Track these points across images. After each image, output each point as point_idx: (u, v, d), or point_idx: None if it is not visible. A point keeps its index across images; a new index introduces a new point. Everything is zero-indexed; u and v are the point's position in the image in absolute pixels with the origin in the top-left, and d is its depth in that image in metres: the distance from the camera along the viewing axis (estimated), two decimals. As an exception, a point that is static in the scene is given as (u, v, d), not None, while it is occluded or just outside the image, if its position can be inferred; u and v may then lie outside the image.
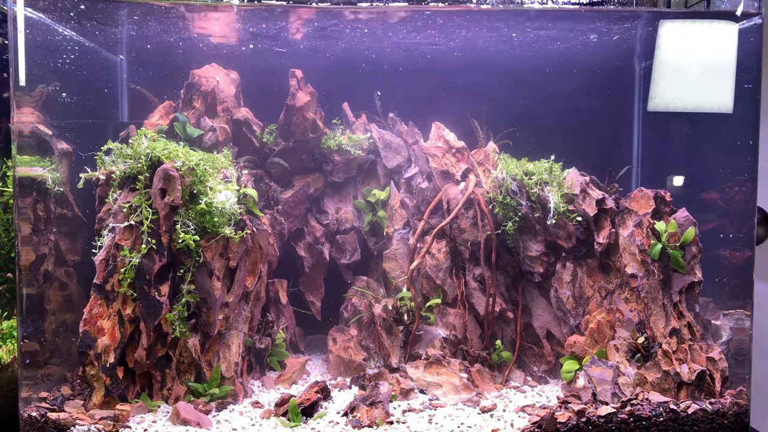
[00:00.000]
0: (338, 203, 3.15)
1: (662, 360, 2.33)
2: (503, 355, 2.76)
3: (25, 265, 2.33)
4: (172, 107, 2.86)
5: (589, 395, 2.38)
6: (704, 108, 2.47)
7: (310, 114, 2.95)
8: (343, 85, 3.17)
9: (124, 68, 3.17)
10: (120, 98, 3.16)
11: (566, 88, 3.17)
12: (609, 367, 2.40)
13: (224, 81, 2.93)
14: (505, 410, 2.41)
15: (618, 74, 3.34)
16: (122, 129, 2.85)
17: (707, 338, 2.44)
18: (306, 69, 2.95)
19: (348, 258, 3.10)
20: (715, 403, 2.21)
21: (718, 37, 2.42)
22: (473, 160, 2.96)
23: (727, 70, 2.41)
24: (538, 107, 3.13)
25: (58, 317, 2.53)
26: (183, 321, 2.36)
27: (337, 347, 2.86)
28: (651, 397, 2.22)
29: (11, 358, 2.37)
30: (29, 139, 2.38)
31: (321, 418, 2.29)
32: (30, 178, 2.40)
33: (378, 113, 3.16)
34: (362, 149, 3.06)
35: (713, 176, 2.80)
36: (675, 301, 2.42)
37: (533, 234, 2.77)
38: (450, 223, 2.83)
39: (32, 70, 2.28)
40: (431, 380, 2.58)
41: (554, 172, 2.72)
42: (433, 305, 2.83)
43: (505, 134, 3.03)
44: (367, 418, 2.24)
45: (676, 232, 2.45)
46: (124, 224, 2.33)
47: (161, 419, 2.24)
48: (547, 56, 3.19)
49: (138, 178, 2.37)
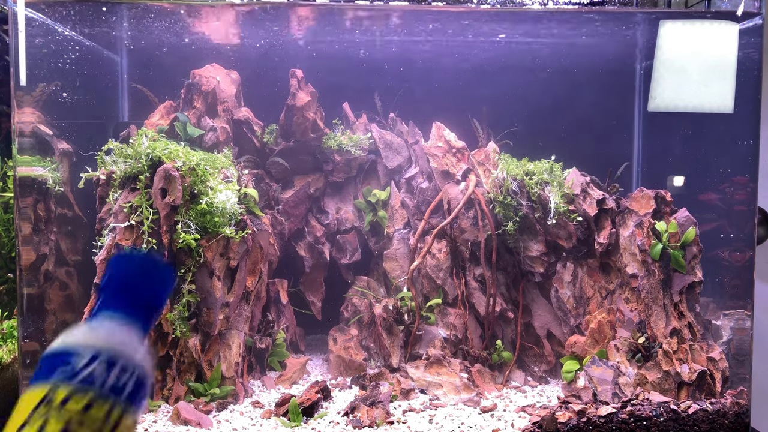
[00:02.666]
0: (339, 203, 3.14)
1: (663, 360, 2.33)
2: (504, 355, 2.76)
3: (25, 264, 2.33)
4: (172, 107, 2.86)
5: (590, 395, 2.38)
6: (705, 108, 2.47)
7: (311, 114, 2.95)
8: (344, 84, 3.17)
9: (125, 68, 3.17)
10: (120, 98, 3.16)
11: (566, 88, 3.17)
12: (609, 367, 2.40)
13: (225, 81, 2.93)
14: (506, 410, 2.41)
15: (618, 74, 3.34)
16: (122, 129, 2.85)
17: (708, 338, 2.44)
18: (306, 69, 2.95)
19: (348, 258, 3.10)
20: (716, 403, 2.21)
21: (719, 37, 2.42)
22: (474, 160, 2.96)
23: (728, 70, 2.41)
24: (538, 107, 3.13)
25: (59, 317, 2.53)
26: (183, 321, 2.36)
27: (338, 347, 2.85)
28: (651, 397, 2.22)
29: (11, 358, 2.37)
30: (30, 138, 2.39)
31: (321, 418, 2.29)
32: (30, 177, 2.40)
33: (378, 113, 3.16)
34: (363, 149, 3.06)
35: (714, 176, 2.80)
36: (675, 301, 2.42)
37: (534, 234, 2.77)
38: (450, 223, 2.83)
39: (32, 70, 2.28)
40: (432, 380, 2.57)
41: (555, 172, 2.72)
42: (433, 305, 2.83)
43: (506, 134, 3.03)
44: (368, 418, 2.24)
45: (676, 232, 2.45)
46: (125, 224, 2.33)
47: (161, 419, 2.24)
48: (548, 56, 3.19)
49: (138, 178, 2.37)
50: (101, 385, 0.60)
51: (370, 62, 3.21)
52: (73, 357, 0.61)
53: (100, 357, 0.61)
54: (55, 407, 0.58)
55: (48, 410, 0.58)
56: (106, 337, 0.64)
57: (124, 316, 0.69)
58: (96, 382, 0.60)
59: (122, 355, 0.63)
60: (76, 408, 0.58)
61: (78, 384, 0.59)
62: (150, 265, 0.73)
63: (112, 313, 0.69)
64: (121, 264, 0.73)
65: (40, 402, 0.58)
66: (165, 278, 0.74)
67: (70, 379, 0.59)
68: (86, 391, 0.59)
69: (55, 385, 0.59)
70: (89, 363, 0.61)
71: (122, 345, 0.64)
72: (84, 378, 0.60)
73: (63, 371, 0.60)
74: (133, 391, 0.62)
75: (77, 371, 0.60)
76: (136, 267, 0.73)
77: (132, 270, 0.72)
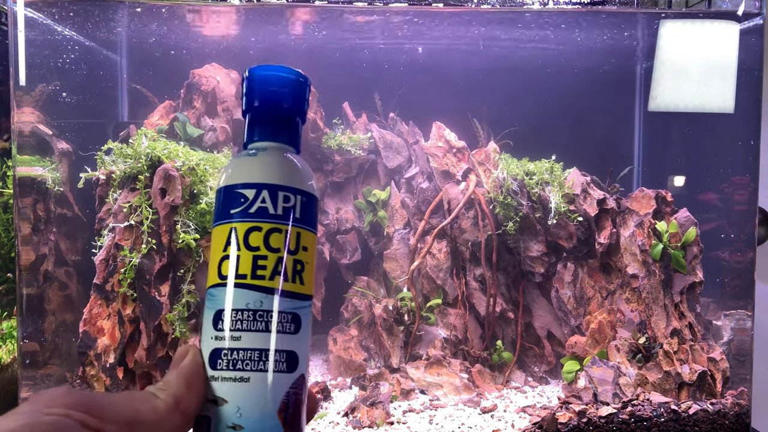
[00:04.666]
0: (339, 203, 3.14)
1: (663, 360, 2.32)
2: (504, 356, 2.76)
3: (25, 265, 2.33)
4: (172, 107, 2.86)
5: (590, 396, 2.37)
6: (705, 108, 2.47)
7: (311, 114, 2.94)
8: (344, 84, 3.17)
9: (124, 67, 3.17)
10: (120, 98, 3.16)
11: (567, 88, 3.17)
12: (610, 367, 2.40)
13: (225, 81, 2.93)
14: (506, 411, 2.40)
15: (619, 74, 3.34)
16: (122, 129, 2.85)
17: (708, 338, 2.44)
18: (306, 68, 2.94)
19: (348, 258, 3.10)
20: (716, 403, 2.20)
21: (720, 37, 2.42)
22: (474, 160, 2.96)
23: (729, 70, 2.41)
24: (538, 107, 3.13)
25: (58, 317, 2.53)
26: (183, 321, 2.36)
27: (338, 347, 2.85)
28: (652, 397, 2.22)
29: (11, 358, 2.37)
30: (29, 138, 2.38)
31: (321, 418, 2.29)
32: (30, 177, 2.40)
33: (378, 113, 3.16)
34: (363, 149, 3.06)
35: (714, 176, 2.80)
36: (676, 302, 2.42)
37: (534, 234, 2.77)
38: (451, 223, 2.82)
39: (32, 70, 2.28)
40: (432, 380, 2.57)
41: (555, 172, 2.72)
42: (433, 305, 2.82)
43: (506, 134, 3.03)
44: (368, 418, 2.24)
45: (677, 232, 2.45)
46: (124, 224, 2.32)
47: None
48: (548, 56, 3.18)
49: (138, 177, 2.37)
50: (272, 216, 0.66)
51: (371, 62, 3.20)
52: (241, 196, 0.66)
53: (264, 190, 0.66)
54: (241, 242, 0.65)
55: (237, 245, 0.65)
56: (265, 169, 0.68)
57: (272, 140, 0.71)
58: (266, 214, 0.66)
59: (284, 183, 0.67)
60: (258, 241, 0.65)
61: (252, 220, 0.65)
62: (285, 77, 0.73)
63: (261, 142, 0.71)
64: (257, 85, 0.72)
65: (227, 239, 0.65)
66: (301, 87, 0.74)
67: (245, 217, 0.65)
68: (260, 224, 0.65)
69: (235, 223, 0.66)
70: (256, 199, 0.66)
71: (281, 173, 0.68)
72: (254, 213, 0.65)
73: (237, 210, 0.66)
74: (302, 212, 0.67)
75: (248, 208, 0.66)
76: (272, 85, 0.72)
77: (269, 88, 0.71)
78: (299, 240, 0.67)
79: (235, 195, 0.67)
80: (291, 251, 0.66)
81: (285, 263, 0.65)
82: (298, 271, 0.66)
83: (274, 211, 0.66)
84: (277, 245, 0.66)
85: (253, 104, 0.71)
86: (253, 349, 0.61)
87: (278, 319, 0.63)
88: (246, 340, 0.61)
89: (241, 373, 0.60)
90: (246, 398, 0.60)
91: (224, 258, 0.65)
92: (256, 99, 0.71)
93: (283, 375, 0.62)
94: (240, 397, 0.60)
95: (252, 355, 0.61)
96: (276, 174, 0.68)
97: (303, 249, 0.67)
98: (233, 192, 0.67)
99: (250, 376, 0.60)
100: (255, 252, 0.65)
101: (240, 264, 0.64)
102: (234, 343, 0.61)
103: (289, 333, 0.63)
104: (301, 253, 0.67)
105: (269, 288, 0.63)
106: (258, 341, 0.61)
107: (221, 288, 0.64)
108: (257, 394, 0.60)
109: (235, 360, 0.61)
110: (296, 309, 0.64)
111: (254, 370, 0.61)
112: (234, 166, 0.70)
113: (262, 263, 0.65)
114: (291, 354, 0.63)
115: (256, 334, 0.62)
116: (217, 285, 0.64)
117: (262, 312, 0.62)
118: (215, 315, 0.63)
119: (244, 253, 0.65)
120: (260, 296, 0.63)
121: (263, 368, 0.61)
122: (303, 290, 0.66)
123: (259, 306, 0.62)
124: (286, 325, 0.63)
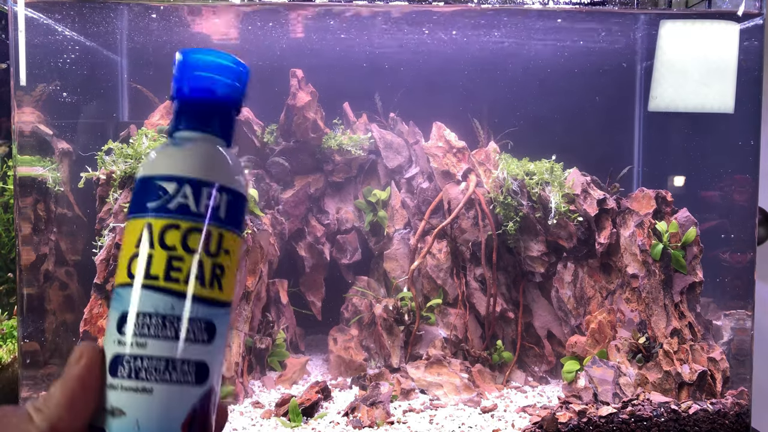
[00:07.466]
0: (339, 203, 3.14)
1: (663, 360, 2.32)
2: (504, 356, 2.76)
3: (25, 265, 2.33)
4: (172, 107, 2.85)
5: (590, 395, 2.37)
6: (705, 108, 2.47)
7: (311, 114, 2.94)
8: (344, 84, 3.17)
9: (125, 67, 3.17)
10: (120, 98, 3.16)
11: (567, 88, 3.17)
12: (610, 367, 2.40)
13: (225, 81, 2.93)
14: (506, 410, 2.40)
15: (619, 74, 3.34)
16: (123, 128, 2.85)
17: (708, 338, 2.44)
18: (306, 68, 2.95)
19: (349, 258, 3.10)
20: (717, 403, 2.20)
21: (720, 37, 2.42)
22: (474, 160, 2.96)
23: (729, 70, 2.41)
24: (538, 107, 3.13)
25: (59, 317, 2.53)
26: (183, 321, 2.35)
27: (338, 347, 2.85)
28: (652, 397, 2.22)
29: (11, 358, 2.37)
30: (30, 138, 2.38)
31: (321, 418, 2.29)
32: (30, 177, 2.40)
33: (378, 113, 3.16)
34: (363, 149, 3.06)
35: (714, 176, 2.80)
36: (676, 302, 2.42)
37: (534, 234, 2.77)
38: (451, 223, 2.82)
39: (32, 70, 2.28)
40: (432, 380, 2.57)
41: (555, 172, 2.72)
42: (434, 305, 2.82)
43: (506, 134, 3.03)
44: (368, 418, 2.24)
45: (677, 232, 2.45)
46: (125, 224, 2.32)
47: (162, 419, 2.24)
48: (548, 56, 3.19)
49: (138, 177, 2.37)
50: (192, 213, 0.60)
51: (371, 62, 3.20)
52: (160, 189, 0.60)
53: (187, 184, 0.60)
54: (155, 240, 0.59)
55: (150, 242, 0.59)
56: (189, 162, 0.61)
57: (201, 131, 0.64)
58: (187, 211, 0.60)
59: (209, 178, 0.61)
60: (175, 240, 0.59)
61: (171, 216, 0.59)
62: (219, 62, 0.66)
63: (188, 132, 0.64)
64: (188, 69, 0.65)
65: (140, 235, 0.59)
66: (238, 75, 0.67)
67: (162, 213, 0.59)
68: (179, 221, 0.59)
69: (150, 218, 0.60)
70: (176, 193, 0.59)
71: (207, 167, 0.61)
72: (173, 209, 0.59)
73: (155, 204, 0.60)
74: (228, 212, 0.61)
75: (167, 203, 0.60)
76: (204, 70, 0.65)
77: (200, 76, 0.64)
78: (221, 242, 0.60)
79: (153, 187, 0.60)
80: (211, 254, 0.59)
81: (203, 266, 0.59)
82: (217, 276, 0.59)
83: (195, 208, 0.59)
84: (195, 246, 0.58)
85: (181, 89, 0.64)
86: (159, 357, 0.56)
87: (190, 327, 0.57)
88: (152, 348, 0.56)
89: (143, 383, 0.56)
90: (146, 411, 0.55)
91: (135, 255, 0.58)
92: (186, 84, 0.64)
93: (190, 387, 0.57)
94: (139, 410, 0.55)
95: (157, 365, 0.56)
96: (201, 168, 0.60)
97: (225, 252, 0.61)
98: (152, 183, 0.60)
99: (154, 387, 0.56)
100: (170, 252, 0.58)
101: (152, 263, 0.57)
102: (138, 350, 0.56)
103: (201, 342, 0.58)
104: (222, 256, 0.60)
105: (183, 292, 0.57)
106: (165, 349, 0.56)
107: (129, 288, 0.58)
108: (159, 407, 0.55)
109: (138, 368, 0.56)
110: (212, 317, 0.59)
111: (159, 381, 0.56)
112: (155, 156, 0.62)
113: (178, 265, 0.58)
114: (201, 365, 0.57)
115: (163, 341, 0.56)
116: (125, 285, 0.58)
117: (172, 317, 0.57)
118: (120, 317, 0.58)
119: (158, 252, 0.58)
120: (172, 300, 0.57)
121: (168, 379, 0.56)
122: (221, 296, 0.60)
123: (170, 311, 0.57)
124: (199, 334, 0.58)
